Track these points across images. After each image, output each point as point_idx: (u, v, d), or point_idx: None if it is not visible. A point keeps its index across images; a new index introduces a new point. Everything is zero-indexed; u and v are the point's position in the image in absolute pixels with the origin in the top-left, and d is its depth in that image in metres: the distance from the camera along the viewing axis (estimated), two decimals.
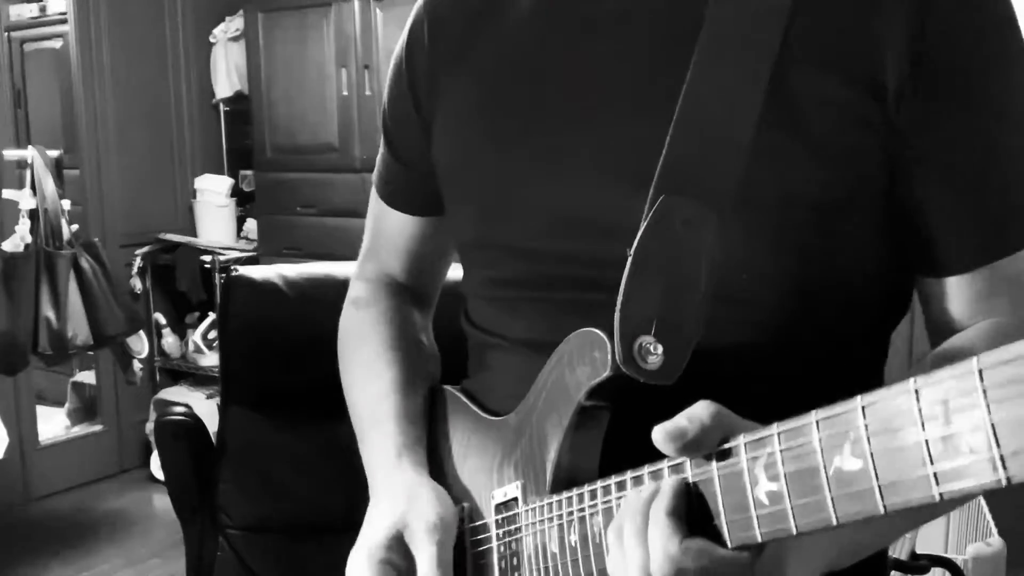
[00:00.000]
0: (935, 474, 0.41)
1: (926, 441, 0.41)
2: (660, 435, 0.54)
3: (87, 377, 4.02)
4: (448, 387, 0.88)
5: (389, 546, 0.74)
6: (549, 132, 0.76)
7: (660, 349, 0.63)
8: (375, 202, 0.98)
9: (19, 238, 3.10)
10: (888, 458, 0.43)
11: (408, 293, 0.98)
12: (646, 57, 0.72)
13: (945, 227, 0.69)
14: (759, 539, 0.50)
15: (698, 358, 0.64)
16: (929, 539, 1.86)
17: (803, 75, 0.67)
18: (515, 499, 0.72)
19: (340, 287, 1.01)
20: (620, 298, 0.64)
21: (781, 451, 0.49)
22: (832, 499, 0.46)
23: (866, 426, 0.44)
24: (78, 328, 3.13)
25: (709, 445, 0.54)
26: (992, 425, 0.38)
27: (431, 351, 0.95)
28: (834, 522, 0.46)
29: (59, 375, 4.07)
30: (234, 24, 3.93)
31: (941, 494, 0.41)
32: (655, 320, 0.63)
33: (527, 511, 0.70)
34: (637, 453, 0.59)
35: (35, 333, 3.06)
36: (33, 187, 3.11)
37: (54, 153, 3.19)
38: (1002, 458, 0.38)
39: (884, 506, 0.44)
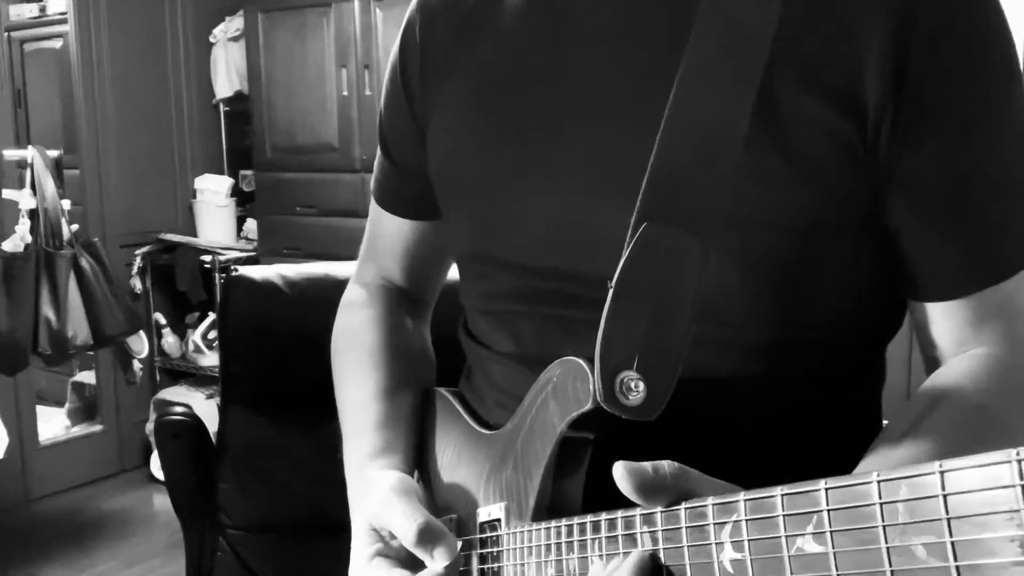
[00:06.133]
0: (892, 573, 0.40)
1: (885, 540, 0.40)
2: (620, 471, 0.54)
3: (87, 377, 4.02)
4: (443, 390, 0.88)
5: (369, 541, 0.74)
6: (538, 146, 0.75)
7: (642, 386, 0.61)
8: (373, 206, 0.97)
9: (19, 238, 3.10)
10: (848, 550, 0.42)
11: (404, 298, 0.98)
12: (635, 71, 0.71)
13: (928, 254, 0.68)
14: None
15: (683, 389, 0.62)
16: None
17: (787, 96, 0.66)
18: (499, 520, 0.71)
19: (340, 287, 1.01)
20: (601, 333, 0.62)
21: (747, 520, 0.48)
22: None
23: (829, 512, 0.43)
24: (78, 328, 3.13)
25: (665, 497, 0.53)
26: (952, 541, 0.38)
27: (423, 356, 0.95)
28: None
29: (59, 375, 4.07)
30: (234, 24, 3.93)
31: None
32: (637, 355, 0.62)
33: (509, 535, 0.70)
34: None
35: (35, 333, 3.06)
36: (33, 187, 3.11)
37: (54, 153, 3.19)
38: (958, 570, 0.38)
39: None
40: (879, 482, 0.41)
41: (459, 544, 0.70)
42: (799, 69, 0.66)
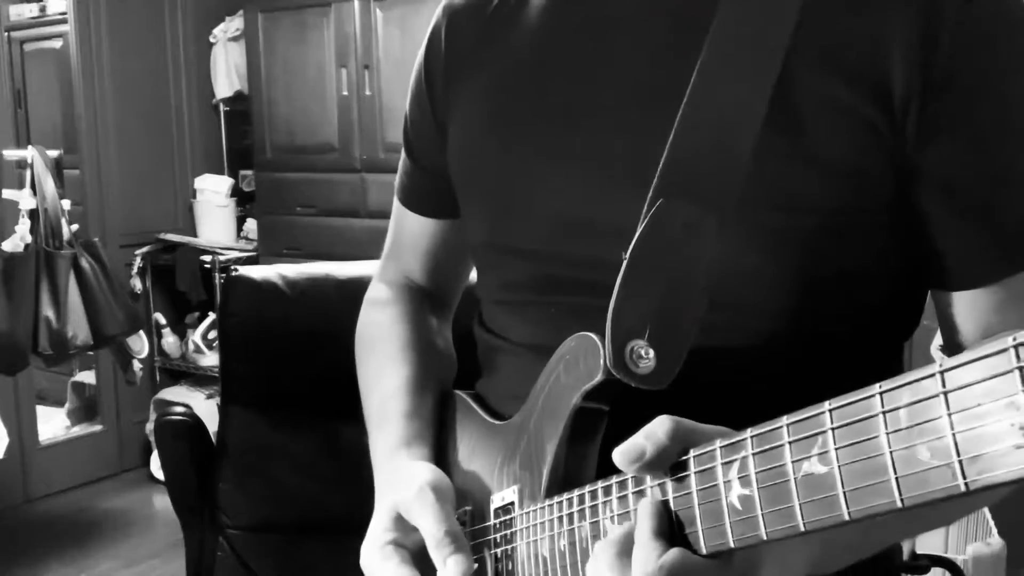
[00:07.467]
0: (898, 479, 0.41)
1: (889, 447, 0.41)
2: (619, 457, 0.54)
3: (87, 377, 4.02)
4: (459, 392, 0.89)
5: (390, 528, 0.74)
6: (554, 133, 0.76)
7: (652, 354, 0.62)
8: (396, 205, 0.99)
9: (19, 238, 3.10)
10: (853, 464, 0.43)
11: (427, 297, 0.99)
12: (652, 59, 0.72)
13: (954, 242, 0.68)
14: (731, 545, 0.50)
15: (695, 362, 0.62)
16: (929, 539, 1.86)
17: (809, 78, 0.66)
18: (512, 503, 0.72)
19: (340, 287, 1.01)
20: (613, 301, 0.63)
21: (753, 455, 0.48)
22: (800, 506, 0.45)
23: (833, 431, 0.44)
24: (78, 328, 3.13)
25: (669, 460, 0.53)
26: (953, 433, 0.38)
27: (446, 355, 0.96)
28: (802, 528, 0.45)
29: (59, 375, 4.07)
30: (234, 24, 3.93)
31: (903, 500, 0.40)
32: (648, 324, 0.62)
33: (522, 515, 0.70)
34: None
35: (35, 333, 3.06)
36: (33, 187, 3.10)
37: (54, 153, 3.19)
38: (960, 464, 0.38)
39: (849, 513, 0.43)
40: (881, 393, 0.42)
41: (475, 565, 0.70)
42: (822, 52, 0.67)
